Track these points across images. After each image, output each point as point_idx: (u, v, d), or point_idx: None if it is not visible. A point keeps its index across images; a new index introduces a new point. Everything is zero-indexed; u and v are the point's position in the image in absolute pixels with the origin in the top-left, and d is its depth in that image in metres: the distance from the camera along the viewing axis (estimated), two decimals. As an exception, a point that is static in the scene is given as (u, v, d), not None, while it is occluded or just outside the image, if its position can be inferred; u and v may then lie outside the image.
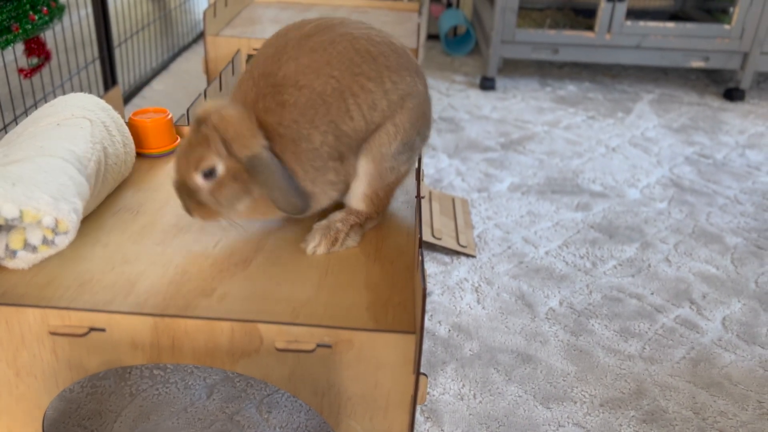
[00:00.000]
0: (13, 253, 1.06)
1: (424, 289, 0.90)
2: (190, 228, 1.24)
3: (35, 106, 2.30)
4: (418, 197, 1.20)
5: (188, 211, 1.12)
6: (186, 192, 1.10)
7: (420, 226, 1.07)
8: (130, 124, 1.46)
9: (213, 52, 2.27)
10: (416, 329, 0.97)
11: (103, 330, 1.00)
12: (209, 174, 1.08)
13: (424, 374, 1.00)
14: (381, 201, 1.24)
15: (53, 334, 0.99)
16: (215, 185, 1.09)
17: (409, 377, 0.99)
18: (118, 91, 1.51)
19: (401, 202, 1.36)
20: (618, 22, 3.18)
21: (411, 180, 1.46)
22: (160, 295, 1.06)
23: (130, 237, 1.21)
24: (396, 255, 1.19)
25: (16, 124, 2.20)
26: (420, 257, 0.98)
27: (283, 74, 1.10)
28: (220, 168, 1.08)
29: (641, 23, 3.20)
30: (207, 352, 1.01)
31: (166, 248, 1.18)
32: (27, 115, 2.27)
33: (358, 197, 1.22)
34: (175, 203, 1.32)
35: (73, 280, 1.08)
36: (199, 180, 1.08)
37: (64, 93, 2.45)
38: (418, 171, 1.29)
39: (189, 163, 1.08)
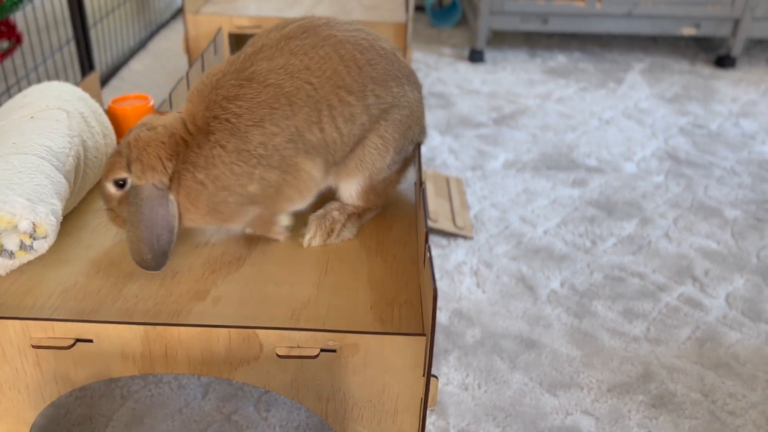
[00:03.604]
0: None
1: (435, 289, 0.84)
2: (178, 224, 1.17)
3: (8, 91, 2.19)
4: (420, 185, 1.14)
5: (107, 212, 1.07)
6: (102, 192, 1.06)
7: (425, 217, 1.01)
8: (110, 113, 1.38)
9: (193, 31, 2.17)
10: (426, 330, 0.91)
11: (90, 341, 0.93)
12: (120, 185, 1.02)
13: (435, 376, 0.95)
14: (378, 196, 1.19)
15: (36, 347, 0.93)
16: (123, 197, 1.03)
17: (419, 380, 0.94)
18: (95, 78, 1.42)
19: (401, 190, 1.29)
20: (608, -11, 3.10)
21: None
22: (150, 300, 0.99)
23: (115, 237, 1.13)
24: (398, 247, 1.13)
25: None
26: (428, 253, 0.92)
27: (252, 71, 1.04)
28: (130, 182, 1.02)
29: (632, -10, 3.12)
30: (203, 360, 0.95)
31: (154, 247, 1.11)
32: (-1, 102, 2.16)
33: (349, 196, 1.17)
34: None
35: (55, 286, 1.01)
36: (110, 188, 1.03)
37: (38, 77, 2.34)
38: (418, 156, 1.23)
39: (106, 168, 1.03)
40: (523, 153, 2.42)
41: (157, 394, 1.37)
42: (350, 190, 1.16)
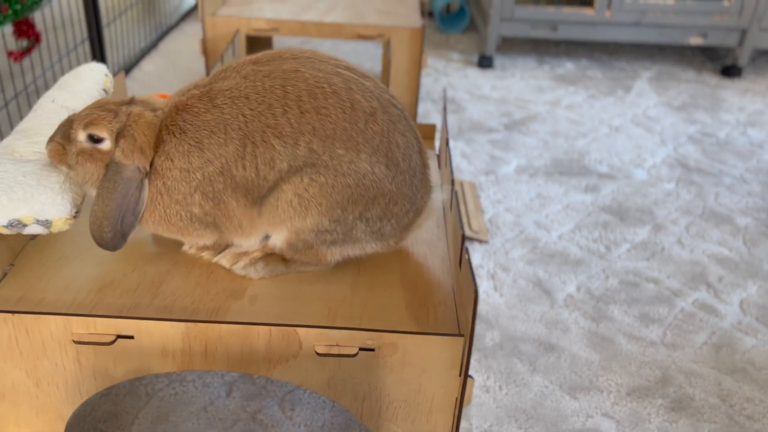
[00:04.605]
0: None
1: (476, 290, 0.85)
2: (210, 223, 1.18)
3: (25, 90, 2.20)
4: (452, 188, 1.15)
5: (49, 141, 1.01)
6: (65, 129, 1.00)
7: (460, 219, 1.02)
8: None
9: (211, 32, 2.18)
10: (463, 331, 0.93)
11: (131, 337, 0.94)
12: (95, 140, 0.98)
13: (471, 376, 0.96)
14: (314, 253, 1.05)
15: (77, 342, 0.93)
16: (88, 151, 0.99)
17: (455, 380, 0.95)
18: (121, 78, 1.43)
19: (428, 192, 1.30)
20: (617, -2, 3.13)
21: (433, 168, 1.41)
22: (187, 297, 1.00)
23: (149, 234, 1.14)
24: (429, 249, 1.14)
25: (6, 107, 2.11)
26: (466, 255, 0.93)
27: (211, 87, 1.00)
28: (107, 145, 0.98)
29: (641, 0, 3.15)
30: (242, 358, 0.96)
31: (188, 246, 1.12)
32: (17, 98, 2.17)
33: (278, 243, 1.06)
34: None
35: (93, 284, 1.02)
36: (80, 134, 0.99)
37: (53, 76, 2.35)
38: (448, 158, 1.24)
39: (88, 116, 0.98)
40: (535, 158, 2.44)
41: (181, 392, 1.38)
42: (276, 239, 1.06)
